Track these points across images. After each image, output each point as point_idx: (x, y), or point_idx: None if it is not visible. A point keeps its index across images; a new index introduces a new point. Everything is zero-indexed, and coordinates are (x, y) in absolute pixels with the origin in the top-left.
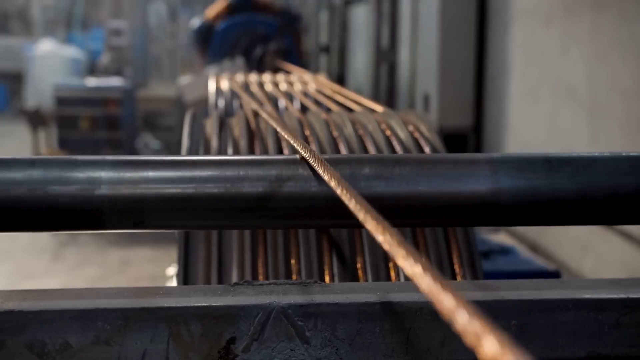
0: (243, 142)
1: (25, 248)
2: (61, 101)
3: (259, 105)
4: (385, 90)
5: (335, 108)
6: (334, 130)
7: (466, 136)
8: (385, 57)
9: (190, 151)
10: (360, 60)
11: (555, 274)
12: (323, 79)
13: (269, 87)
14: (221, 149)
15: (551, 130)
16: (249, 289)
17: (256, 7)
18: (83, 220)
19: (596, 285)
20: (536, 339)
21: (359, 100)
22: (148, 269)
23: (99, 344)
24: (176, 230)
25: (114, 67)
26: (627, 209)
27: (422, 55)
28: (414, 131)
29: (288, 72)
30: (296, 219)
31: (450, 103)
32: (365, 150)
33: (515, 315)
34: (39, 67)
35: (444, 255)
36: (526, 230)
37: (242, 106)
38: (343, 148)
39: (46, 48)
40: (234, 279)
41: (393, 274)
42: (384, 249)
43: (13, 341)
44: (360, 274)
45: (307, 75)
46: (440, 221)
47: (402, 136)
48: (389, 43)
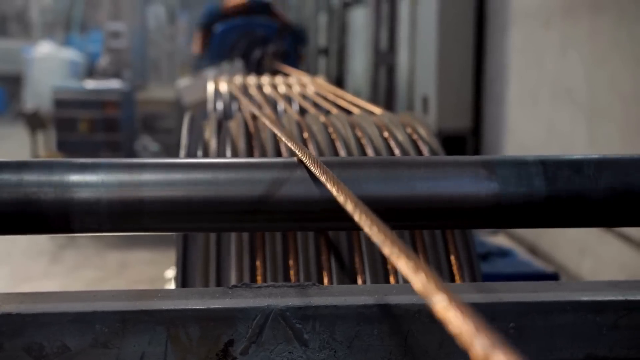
0: (241, 145)
1: (23, 250)
2: (60, 103)
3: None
4: (384, 92)
5: (334, 110)
6: (332, 132)
7: (465, 138)
8: (384, 60)
9: (189, 153)
10: (359, 62)
11: (554, 276)
12: (322, 81)
13: (268, 90)
14: (220, 152)
15: (550, 133)
16: (247, 291)
17: (271, 14)
18: (81, 222)
19: (594, 287)
20: (534, 341)
21: (357, 103)
22: (146, 271)
23: (97, 346)
24: (174, 233)
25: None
26: (626, 211)
27: (421, 58)
28: (413, 133)
29: (287, 75)
30: (294, 222)
31: (449, 105)
32: (363, 152)
33: (514, 317)
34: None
35: (443, 257)
36: (524, 233)
37: (241, 109)
38: (341, 150)
39: (45, 50)
40: (233, 281)
41: (391, 276)
42: (382, 251)
43: (11, 344)
44: (358, 276)
45: (306, 78)
46: (439, 223)
47: (401, 138)
48: (387, 45)
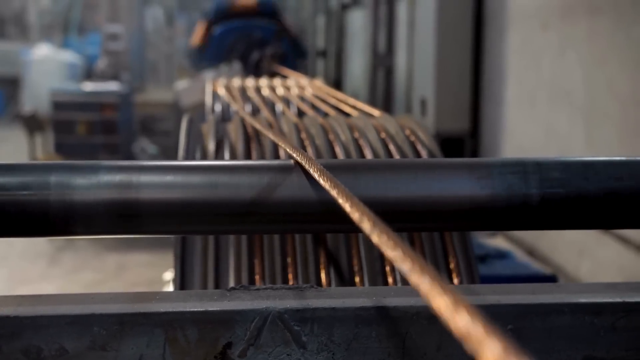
0: (240, 147)
1: (21, 253)
2: (58, 106)
3: (257, 111)
4: (382, 94)
5: (332, 113)
6: (330, 135)
7: (463, 140)
8: (382, 62)
9: (187, 156)
10: (357, 64)
11: (552, 278)
12: (320, 83)
13: (266, 92)
14: (218, 154)
15: (548, 135)
16: (246, 293)
17: (233, 13)
18: (79, 225)
19: (592, 289)
20: (532, 343)
21: (355, 105)
22: (145, 273)
23: (95, 349)
24: (173, 235)
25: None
26: (624, 213)
27: (419, 60)
28: (411, 135)
29: (285, 77)
30: (292, 224)
31: (447, 107)
32: (362, 155)
33: (512, 319)
34: (36, 72)
35: (441, 259)
36: (523, 235)
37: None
38: (340, 153)
39: (43, 53)
40: (231, 283)
41: (390, 278)
42: (382, 251)
43: (8, 347)
44: (356, 278)
45: (304, 80)
46: (437, 226)
47: (399, 141)
48: (386, 47)
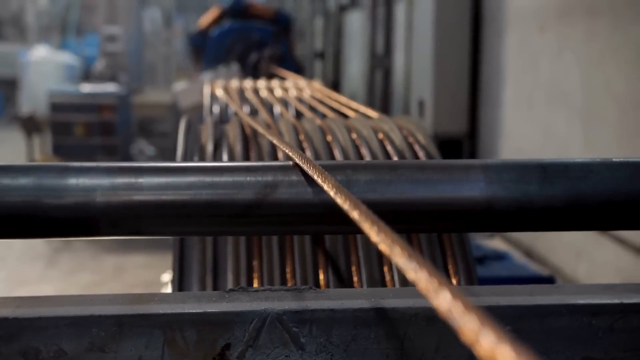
0: (238, 148)
1: (19, 255)
2: (56, 107)
3: (255, 112)
4: (380, 96)
5: (330, 114)
6: (328, 136)
7: (461, 142)
8: (380, 63)
9: (185, 157)
10: (355, 66)
11: (550, 280)
12: (318, 85)
13: (264, 93)
14: (216, 155)
15: (546, 136)
16: (244, 295)
17: (249, 13)
18: (77, 226)
19: (590, 290)
20: (531, 345)
21: (353, 106)
22: (143, 275)
23: (94, 350)
24: (171, 237)
25: (109, 73)
26: (622, 215)
27: (417, 61)
28: (409, 136)
29: (283, 78)
30: (290, 226)
31: (445, 109)
32: (360, 156)
33: (510, 320)
34: (34, 73)
35: (439, 260)
36: (521, 236)
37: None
38: (338, 154)
39: (40, 54)
40: (229, 285)
41: (388, 280)
42: (380, 252)
43: (7, 348)
44: (354, 279)
45: (302, 81)
46: (435, 227)
47: (397, 142)
48: (383, 49)
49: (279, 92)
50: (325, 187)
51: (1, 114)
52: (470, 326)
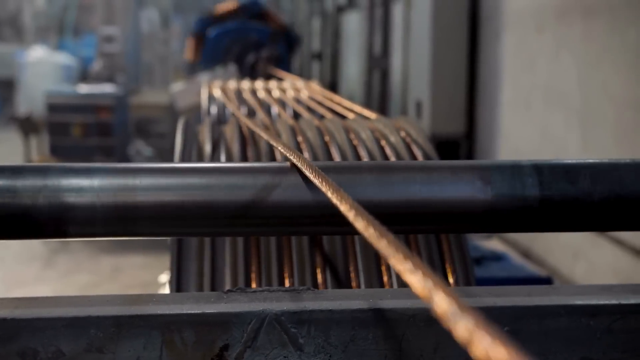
0: (236, 149)
1: (16, 255)
2: (53, 108)
3: (252, 113)
4: (378, 97)
5: (328, 115)
6: (326, 137)
7: (458, 143)
8: (378, 64)
9: (183, 158)
10: (353, 67)
11: (547, 281)
12: (315, 85)
13: (262, 94)
14: (214, 156)
15: (543, 137)
16: (242, 296)
17: (263, 18)
18: (74, 227)
19: (588, 291)
20: (529, 345)
21: (351, 107)
22: (140, 276)
23: (92, 351)
24: (169, 238)
25: (106, 74)
26: (619, 215)
27: (415, 62)
28: (406, 137)
29: (280, 79)
30: (287, 226)
31: (442, 110)
32: (357, 157)
33: (508, 321)
34: (31, 74)
35: (437, 261)
36: (518, 237)
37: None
38: (336, 155)
39: (38, 55)
40: (227, 285)
41: (386, 280)
42: (378, 253)
43: (5, 349)
44: (352, 280)
45: (300, 82)
46: (433, 228)
47: (395, 143)
48: (381, 50)
49: (276, 93)
50: (323, 188)
51: None
52: (465, 327)
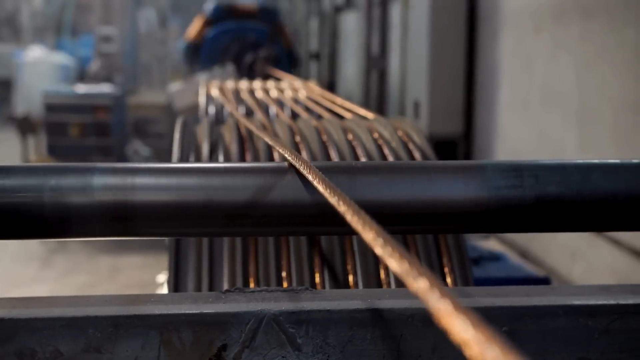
0: (234, 149)
1: (13, 255)
2: (50, 108)
3: (250, 113)
4: (376, 97)
5: (326, 115)
6: (324, 137)
7: (456, 143)
8: (376, 64)
9: (181, 158)
10: (351, 67)
11: (545, 281)
12: (313, 85)
13: (260, 94)
14: (212, 156)
15: (541, 137)
16: (241, 296)
17: (233, 14)
18: (73, 227)
19: (586, 291)
20: (527, 346)
21: (349, 107)
22: (138, 276)
23: (90, 351)
24: (167, 237)
25: (104, 74)
26: (617, 216)
27: (413, 62)
28: (404, 137)
29: (278, 79)
30: (285, 226)
31: (440, 110)
32: (356, 157)
33: (506, 321)
34: (28, 74)
35: (435, 261)
36: (516, 237)
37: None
38: (334, 155)
39: (35, 54)
40: (225, 285)
41: (384, 280)
42: (376, 253)
43: (3, 349)
44: (351, 280)
45: (298, 82)
46: (431, 228)
47: (393, 143)
48: (379, 50)
49: (274, 93)
50: (320, 188)
51: None
52: (461, 327)
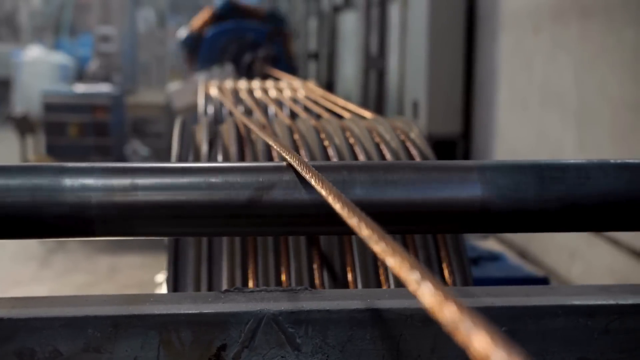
0: (233, 149)
1: (12, 255)
2: (49, 107)
3: (249, 113)
4: (374, 97)
5: (324, 115)
6: (323, 136)
7: (455, 143)
8: (374, 64)
9: (180, 158)
10: (350, 67)
11: (544, 281)
12: (312, 85)
13: (259, 94)
14: (211, 156)
15: (540, 137)
16: (240, 295)
17: (241, 14)
18: (72, 227)
19: (585, 291)
20: (526, 346)
21: (348, 107)
22: (137, 275)
23: (89, 351)
24: (166, 237)
25: (103, 74)
26: (616, 216)
27: (411, 62)
28: (403, 137)
29: (277, 79)
30: (284, 226)
31: (439, 110)
32: (354, 157)
33: (506, 321)
34: (27, 74)
35: (434, 261)
36: (515, 237)
37: (232, 113)
38: (333, 155)
39: (34, 54)
40: (224, 285)
41: (383, 280)
42: (375, 253)
43: (2, 349)
44: (350, 280)
45: (297, 82)
46: (430, 228)
47: (392, 143)
48: (378, 50)
49: (273, 93)
50: (319, 188)
51: None
52: (462, 327)
